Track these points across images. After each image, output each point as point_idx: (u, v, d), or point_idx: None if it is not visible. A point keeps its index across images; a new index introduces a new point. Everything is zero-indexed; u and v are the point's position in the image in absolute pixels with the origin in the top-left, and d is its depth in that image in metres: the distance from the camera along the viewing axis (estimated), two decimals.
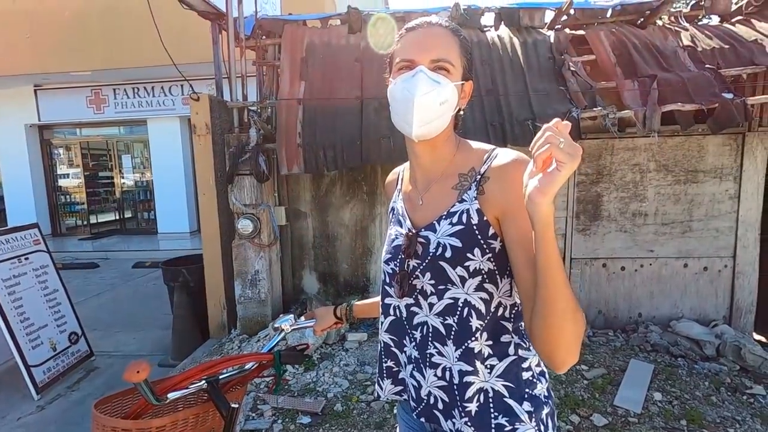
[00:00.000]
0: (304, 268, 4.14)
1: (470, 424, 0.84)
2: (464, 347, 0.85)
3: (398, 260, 0.94)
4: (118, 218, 9.92)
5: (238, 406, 1.16)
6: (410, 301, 0.92)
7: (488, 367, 0.86)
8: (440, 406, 0.89)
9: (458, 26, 0.90)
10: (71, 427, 2.77)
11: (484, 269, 0.84)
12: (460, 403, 0.85)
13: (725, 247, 3.65)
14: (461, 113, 0.92)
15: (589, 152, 3.67)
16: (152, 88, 8.48)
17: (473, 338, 0.85)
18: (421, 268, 0.89)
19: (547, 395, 0.90)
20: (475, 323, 0.85)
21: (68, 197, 9.75)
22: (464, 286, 0.84)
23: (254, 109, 3.81)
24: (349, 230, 4.02)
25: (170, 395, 1.05)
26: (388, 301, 0.98)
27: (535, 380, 0.89)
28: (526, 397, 0.86)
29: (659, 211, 3.68)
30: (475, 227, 0.84)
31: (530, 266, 0.76)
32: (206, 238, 3.81)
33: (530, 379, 0.88)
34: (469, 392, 0.85)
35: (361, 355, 3.26)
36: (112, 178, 9.79)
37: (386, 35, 3.68)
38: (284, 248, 4.06)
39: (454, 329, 0.86)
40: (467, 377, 0.85)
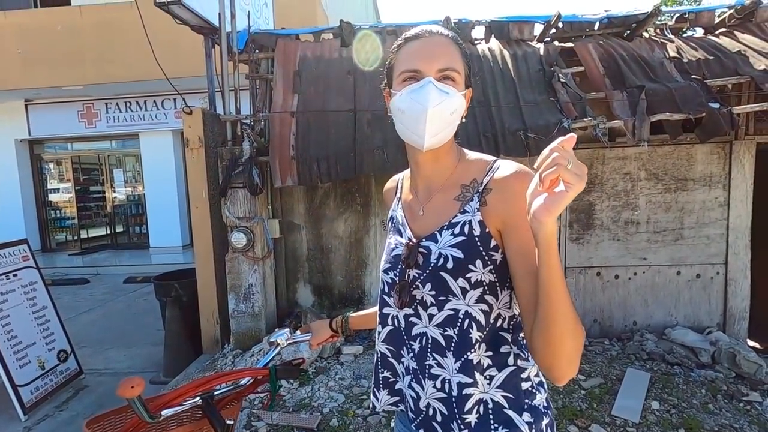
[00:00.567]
0: (298, 280, 4.11)
1: None
2: (464, 359, 0.84)
3: (398, 270, 0.93)
4: (109, 233, 9.82)
5: (233, 422, 1.13)
6: (409, 311, 0.91)
7: (487, 377, 0.85)
8: (439, 418, 0.88)
9: (455, 34, 0.90)
10: None
11: (485, 281, 0.83)
12: (458, 415, 0.84)
13: (717, 254, 3.69)
14: (463, 120, 0.92)
15: (580, 162, 3.70)
16: (144, 102, 8.48)
17: (473, 350, 0.84)
18: (421, 278, 0.88)
19: (546, 406, 0.89)
20: (475, 335, 0.84)
21: (58, 212, 9.65)
22: (465, 297, 0.84)
23: (247, 122, 3.81)
24: (343, 242, 4.01)
25: (164, 412, 1.02)
26: (386, 310, 0.97)
27: (534, 391, 0.88)
28: (525, 407, 0.85)
29: (651, 219, 3.71)
30: (477, 239, 0.83)
31: (531, 278, 0.75)
32: (199, 251, 3.78)
33: (529, 389, 0.87)
34: (468, 404, 0.84)
35: (356, 368, 3.22)
36: (103, 192, 9.71)
37: (372, 51, 3.72)
38: (278, 261, 4.03)
39: (454, 341, 0.85)
40: (467, 389, 0.84)
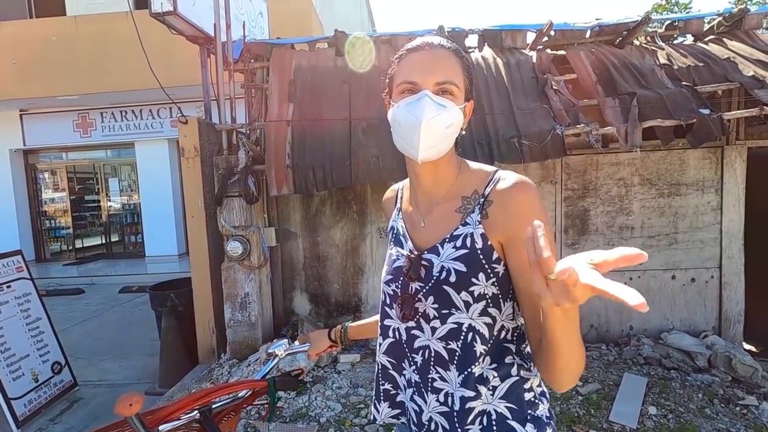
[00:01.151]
0: (294, 289, 4.10)
1: None
2: (467, 372, 0.84)
3: (400, 282, 0.92)
4: (104, 242, 9.76)
5: None
6: (411, 324, 0.90)
7: (491, 388, 0.85)
8: None
9: (459, 46, 0.89)
10: None
11: (488, 294, 0.83)
12: (461, 429, 0.84)
13: (711, 258, 3.71)
14: (463, 133, 0.91)
15: (574, 168, 3.74)
16: (140, 111, 8.48)
17: (476, 363, 0.84)
18: (424, 291, 0.87)
19: (548, 416, 0.89)
20: (479, 348, 0.84)
21: (53, 222, 9.59)
22: (468, 311, 0.83)
23: (243, 131, 3.82)
24: (339, 250, 4.01)
25: (161, 428, 1.02)
26: (387, 322, 0.96)
27: (536, 401, 0.87)
28: (528, 418, 0.85)
29: (645, 224, 3.74)
30: (479, 252, 0.83)
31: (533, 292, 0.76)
32: (195, 261, 3.76)
33: (532, 399, 0.87)
34: (470, 417, 0.83)
35: (354, 377, 3.20)
36: (98, 201, 9.67)
37: (364, 53, 3.76)
38: (274, 269, 4.02)
39: (457, 354, 0.84)
40: (470, 403, 0.83)
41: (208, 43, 3.98)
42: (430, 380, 0.88)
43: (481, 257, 0.82)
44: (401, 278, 0.91)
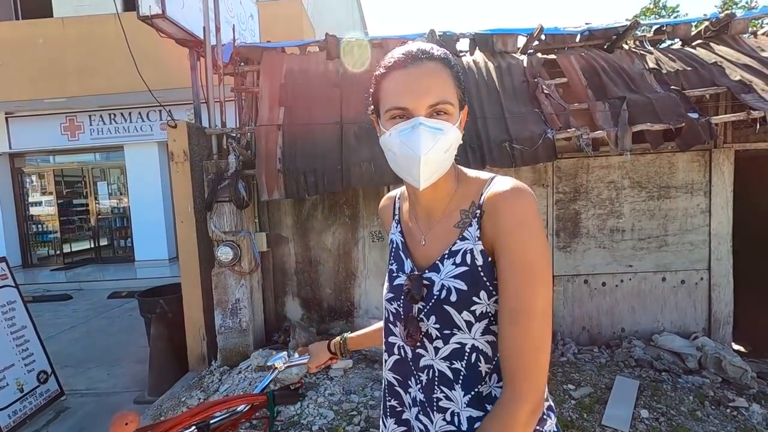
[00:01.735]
0: (286, 294, 4.06)
1: None
2: (474, 392, 0.82)
3: (401, 301, 0.90)
4: (93, 246, 9.62)
5: None
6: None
7: None
8: None
9: (446, 51, 0.82)
10: None
11: (491, 312, 0.80)
12: None
13: (700, 260, 3.75)
14: (460, 142, 0.86)
15: (565, 171, 3.76)
16: (129, 113, 8.39)
17: (483, 383, 0.82)
18: (425, 311, 0.84)
19: (555, 430, 0.87)
20: (483, 368, 0.82)
21: (40, 226, 9.44)
22: (471, 330, 0.80)
23: (233, 135, 3.79)
24: (332, 254, 3.98)
25: None
26: (392, 339, 0.94)
27: (545, 416, 0.85)
28: None
29: (636, 226, 3.76)
30: (480, 269, 0.79)
31: (508, 320, 0.74)
32: (185, 267, 3.71)
33: (541, 415, 0.84)
34: None
35: (346, 383, 3.18)
36: (87, 205, 9.53)
37: (357, 59, 3.75)
38: (266, 275, 3.99)
39: (462, 374, 0.82)
40: (478, 423, 0.81)
41: (197, 46, 3.95)
42: (435, 399, 0.85)
43: (482, 274, 0.79)
44: (402, 297, 0.89)
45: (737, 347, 3.71)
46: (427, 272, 0.86)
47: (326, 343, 1.32)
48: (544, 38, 3.95)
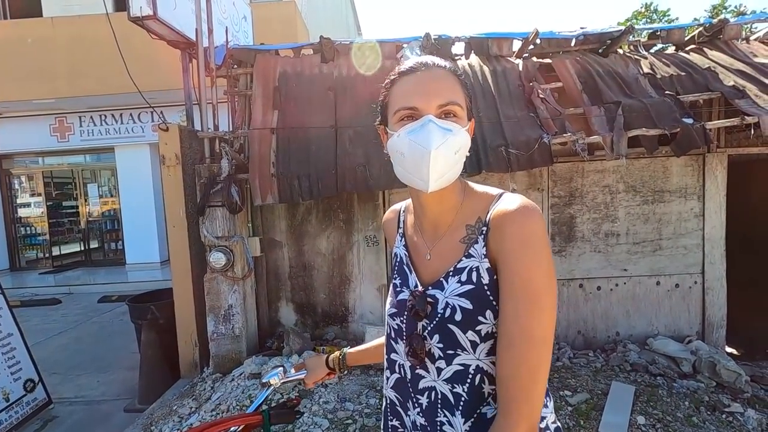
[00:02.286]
0: (280, 299, 4.01)
1: None
2: (476, 415, 0.79)
3: (404, 318, 0.87)
4: (83, 249, 9.47)
5: None
6: (414, 361, 0.85)
7: None
8: None
9: (454, 65, 0.83)
10: None
11: (496, 332, 0.77)
12: None
13: (694, 264, 3.76)
14: (468, 154, 0.85)
15: (561, 175, 3.75)
16: (120, 115, 8.28)
17: (485, 403, 0.79)
18: (429, 329, 0.81)
19: None
20: (487, 389, 0.79)
21: (29, 228, 9.27)
22: (475, 351, 0.78)
23: (226, 138, 3.73)
24: (326, 259, 3.94)
25: None
26: (393, 357, 0.92)
27: None
28: None
29: (630, 230, 3.77)
30: (486, 287, 0.77)
31: (505, 344, 0.72)
32: (176, 272, 3.65)
33: None
34: None
35: (341, 390, 3.14)
36: (77, 207, 9.38)
37: (357, 60, 3.72)
38: (259, 280, 3.94)
39: (463, 399, 0.79)
40: None
41: (189, 47, 3.89)
42: (438, 423, 0.82)
43: (488, 293, 0.76)
44: (405, 313, 0.86)
45: (730, 350, 3.73)
46: (430, 289, 0.83)
47: (324, 357, 1.28)
48: (539, 42, 3.95)
